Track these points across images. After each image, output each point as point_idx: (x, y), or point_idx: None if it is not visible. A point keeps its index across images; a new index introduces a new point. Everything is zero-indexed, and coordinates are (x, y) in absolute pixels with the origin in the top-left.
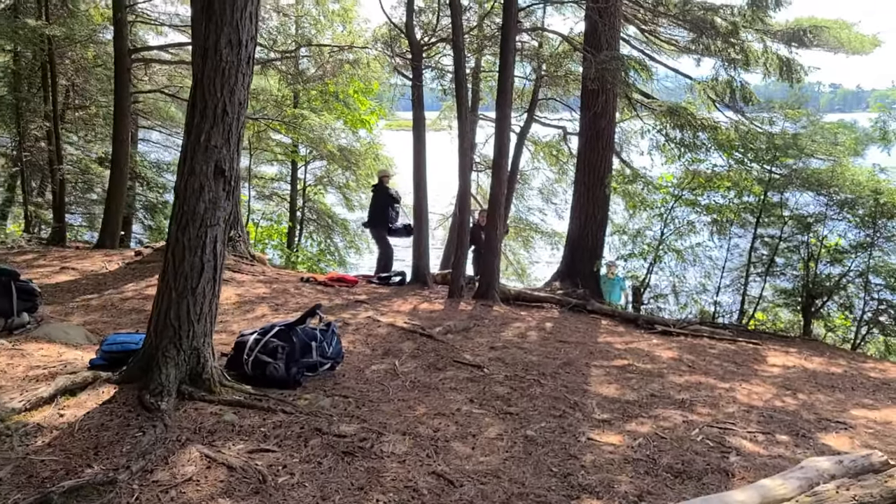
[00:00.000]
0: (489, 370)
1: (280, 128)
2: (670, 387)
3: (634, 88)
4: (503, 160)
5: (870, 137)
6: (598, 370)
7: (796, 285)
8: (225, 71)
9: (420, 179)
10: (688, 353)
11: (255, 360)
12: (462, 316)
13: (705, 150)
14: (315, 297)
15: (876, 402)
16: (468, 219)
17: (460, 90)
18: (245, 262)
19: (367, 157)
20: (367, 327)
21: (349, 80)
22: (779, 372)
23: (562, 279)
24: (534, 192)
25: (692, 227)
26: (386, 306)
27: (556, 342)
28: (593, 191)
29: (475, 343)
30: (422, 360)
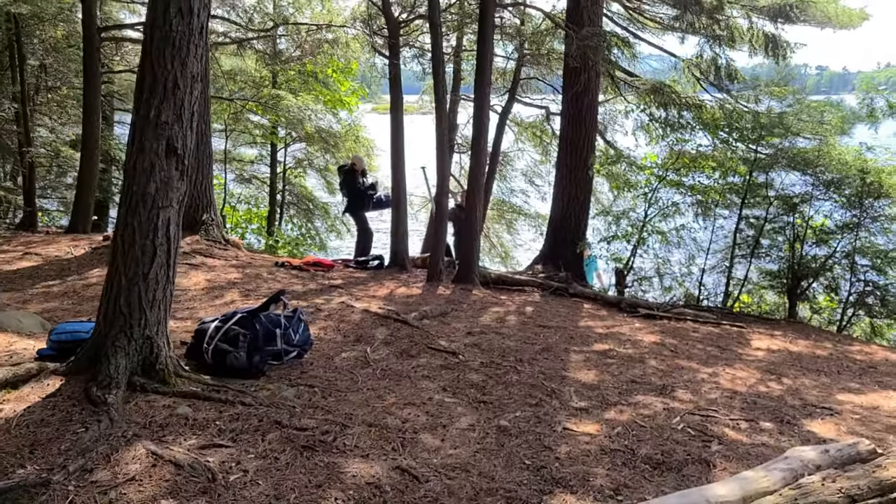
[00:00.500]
0: (464, 357)
1: (257, 109)
2: (651, 372)
3: (617, 66)
4: (482, 140)
5: (856, 116)
6: (577, 356)
7: (781, 267)
8: (175, 42)
9: (398, 162)
10: (670, 337)
11: (215, 348)
12: (440, 301)
13: (690, 129)
14: (289, 283)
15: (862, 387)
16: (446, 202)
17: (437, 68)
18: (218, 247)
19: (348, 139)
20: (340, 313)
21: (328, 59)
22: (763, 356)
23: (544, 262)
24: (517, 174)
25: (676, 208)
26: (362, 291)
27: (536, 327)
28: (576, 172)
29: (452, 328)
30: (395, 347)
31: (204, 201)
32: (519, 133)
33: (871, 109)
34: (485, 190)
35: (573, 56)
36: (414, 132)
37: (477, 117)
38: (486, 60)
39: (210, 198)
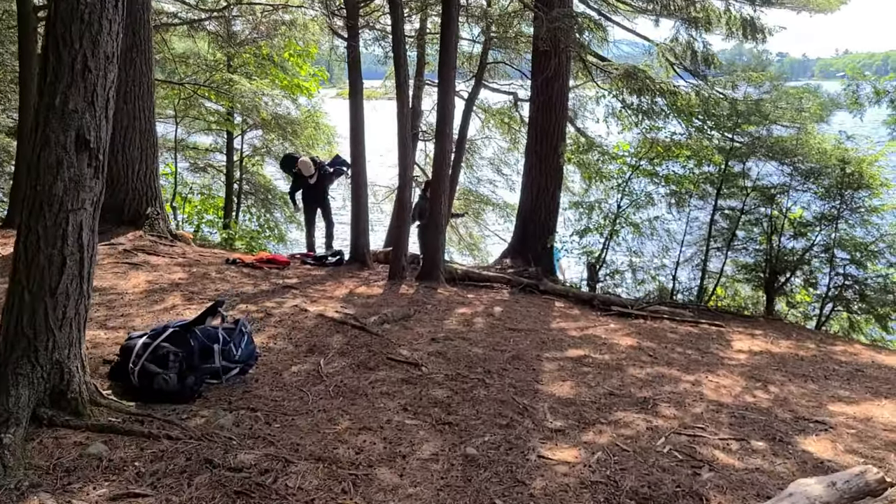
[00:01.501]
0: (428, 368)
1: (210, 94)
2: (630, 382)
3: (589, 50)
4: (447, 127)
5: (834, 103)
6: (550, 364)
7: (758, 260)
8: (84, 15)
9: (358, 150)
10: (648, 339)
11: (141, 369)
12: (402, 301)
13: (664, 116)
14: (239, 282)
15: (852, 394)
16: (409, 193)
17: (398, 50)
18: (164, 243)
19: (308, 125)
20: (293, 318)
21: (286, 42)
22: (746, 359)
23: (513, 256)
24: (484, 163)
25: (650, 199)
26: (318, 291)
27: (505, 330)
28: (546, 161)
29: (414, 334)
30: (351, 358)
31: (149, 193)
32: (486, 120)
33: (857, 97)
34: (451, 179)
35: (542, 39)
36: (378, 119)
37: (441, 103)
38: (451, 43)
39: (155, 189)
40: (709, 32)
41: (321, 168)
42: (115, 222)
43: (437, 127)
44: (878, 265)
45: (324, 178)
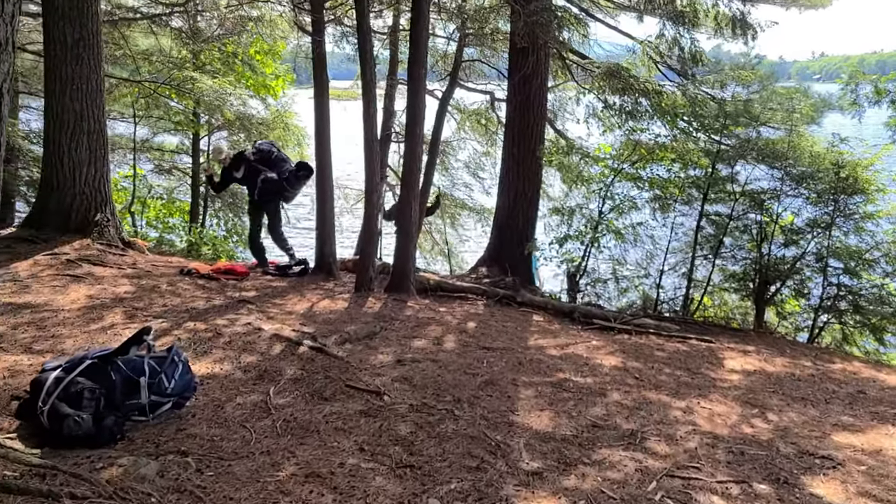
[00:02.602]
0: (391, 397)
1: (171, 93)
2: (616, 411)
3: (568, 47)
4: (417, 128)
5: (826, 104)
6: (527, 390)
7: (747, 269)
8: None
9: (323, 151)
10: (633, 358)
11: (51, 409)
12: (368, 317)
13: (648, 117)
14: (191, 296)
15: (856, 420)
16: (376, 199)
17: (364, 44)
18: (114, 252)
19: (276, 126)
20: (245, 339)
21: (253, 39)
22: (739, 380)
23: (489, 264)
24: (460, 165)
25: (633, 204)
26: (276, 306)
27: (479, 350)
28: (523, 164)
29: (379, 356)
30: (305, 386)
31: (98, 198)
32: (462, 121)
33: (856, 97)
34: (424, 182)
35: (520, 35)
36: (349, 119)
37: (411, 102)
38: (421, 38)
39: (105, 194)
40: (695, 28)
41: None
42: (61, 230)
43: (407, 128)
44: (874, 275)
45: (253, 175)
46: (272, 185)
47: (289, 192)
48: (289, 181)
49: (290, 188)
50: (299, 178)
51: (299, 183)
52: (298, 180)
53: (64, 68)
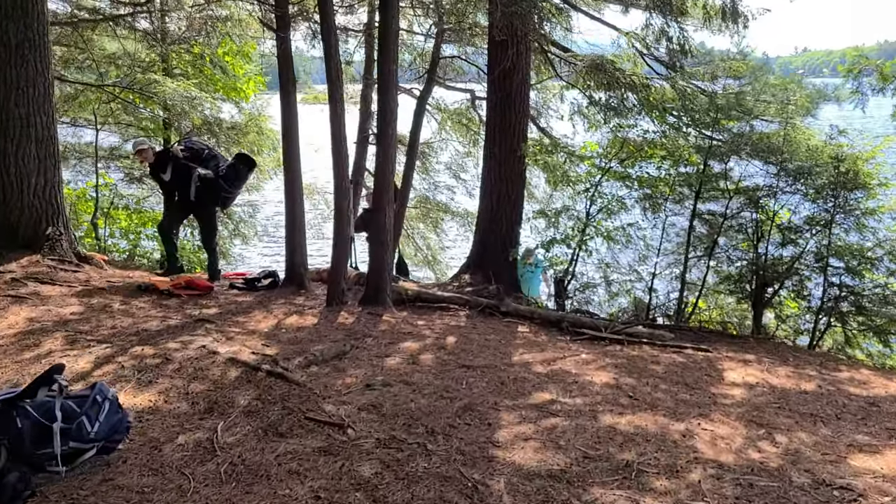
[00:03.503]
0: (355, 430)
1: (135, 98)
2: (608, 437)
3: (550, 41)
4: (389, 128)
5: (821, 94)
6: (510, 415)
7: (743, 270)
8: None
9: (291, 155)
10: (626, 373)
11: None
12: (339, 334)
13: (635, 112)
14: (144, 316)
15: (872, 439)
16: (347, 204)
17: (328, 36)
18: (66, 268)
19: (249, 130)
20: (197, 364)
21: (222, 40)
22: (742, 395)
23: (472, 271)
24: (442, 168)
25: (622, 204)
26: (239, 324)
27: (458, 368)
28: (506, 165)
29: (346, 380)
30: (259, 420)
31: (49, 211)
32: (443, 121)
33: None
34: (403, 185)
35: (498, 27)
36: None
37: (383, 101)
38: (390, 30)
39: (58, 205)
40: (683, 18)
41: (174, 161)
42: (7, 245)
43: (379, 128)
44: (877, 274)
45: (184, 174)
46: (210, 184)
47: (228, 192)
48: (227, 178)
49: (229, 187)
50: (240, 174)
51: (240, 179)
52: (239, 176)
53: (8, 71)
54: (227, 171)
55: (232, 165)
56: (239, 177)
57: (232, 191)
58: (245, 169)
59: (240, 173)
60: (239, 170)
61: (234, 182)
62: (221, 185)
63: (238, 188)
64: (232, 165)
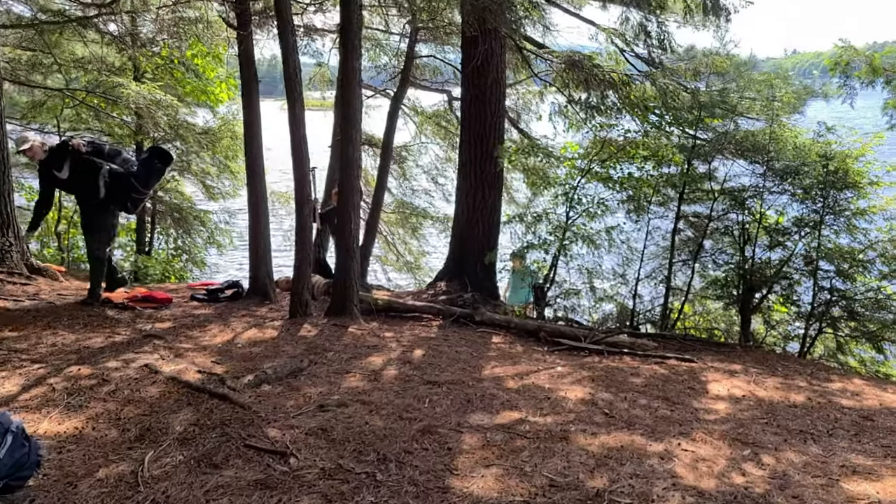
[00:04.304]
0: (299, 458)
1: (100, 102)
2: (580, 461)
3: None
4: (353, 130)
5: (808, 90)
6: (473, 437)
7: (730, 274)
8: None
9: (255, 160)
10: (603, 387)
11: None
12: (298, 348)
13: (616, 111)
14: (91, 331)
15: (867, 458)
16: (308, 213)
17: (284, 34)
18: (16, 280)
19: (223, 135)
20: (135, 385)
21: (192, 42)
22: (726, 410)
23: (448, 278)
24: (419, 172)
25: (605, 207)
26: (191, 339)
27: (423, 385)
28: (482, 166)
29: (299, 400)
30: (194, 448)
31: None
32: (421, 124)
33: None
34: (377, 189)
35: (469, 22)
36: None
37: (345, 99)
38: (353, 24)
39: (7, 216)
40: (663, 12)
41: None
42: None
43: (341, 130)
44: (869, 277)
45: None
46: (120, 181)
47: (140, 192)
48: (139, 176)
49: (141, 186)
50: (154, 171)
51: (152, 177)
52: (151, 173)
53: None
54: (139, 167)
55: (145, 161)
56: (152, 174)
57: (144, 191)
58: (160, 166)
59: (154, 170)
60: (153, 166)
61: (147, 180)
62: (133, 183)
63: (151, 188)
64: (145, 161)
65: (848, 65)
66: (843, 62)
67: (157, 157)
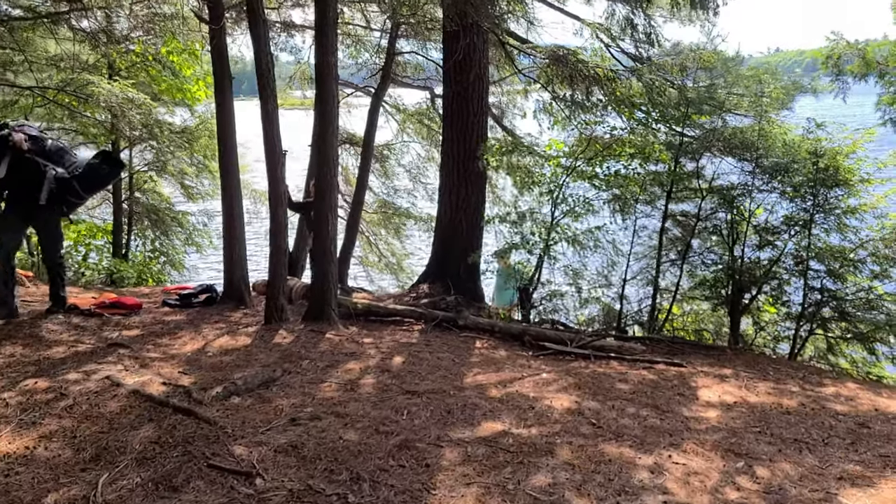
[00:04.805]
0: (266, 479)
1: (71, 100)
2: (565, 479)
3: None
4: (330, 128)
5: (797, 86)
6: (453, 452)
7: (719, 275)
8: None
9: (229, 159)
10: (590, 395)
11: None
12: (273, 356)
13: (601, 108)
14: (52, 341)
15: (865, 468)
16: (282, 213)
17: (256, 28)
18: None
19: (200, 135)
20: (94, 400)
21: (167, 39)
22: (718, 418)
23: (431, 280)
24: (402, 171)
25: (590, 206)
26: (160, 348)
27: (401, 395)
28: (465, 164)
29: (269, 413)
30: (152, 469)
31: None
32: (403, 122)
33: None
34: (358, 188)
35: (449, 16)
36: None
37: (322, 97)
38: (328, 18)
39: None
40: (650, 4)
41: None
42: None
43: (318, 128)
44: (860, 276)
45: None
46: (63, 186)
47: (80, 197)
48: (83, 180)
49: (83, 191)
50: (101, 178)
51: (97, 184)
52: (97, 180)
53: None
54: (85, 171)
55: (93, 166)
56: (98, 181)
57: (85, 196)
58: (109, 172)
59: (101, 176)
60: (101, 172)
61: (90, 186)
62: (75, 188)
63: (93, 194)
64: (93, 166)
65: (840, 59)
66: (836, 56)
67: (107, 163)
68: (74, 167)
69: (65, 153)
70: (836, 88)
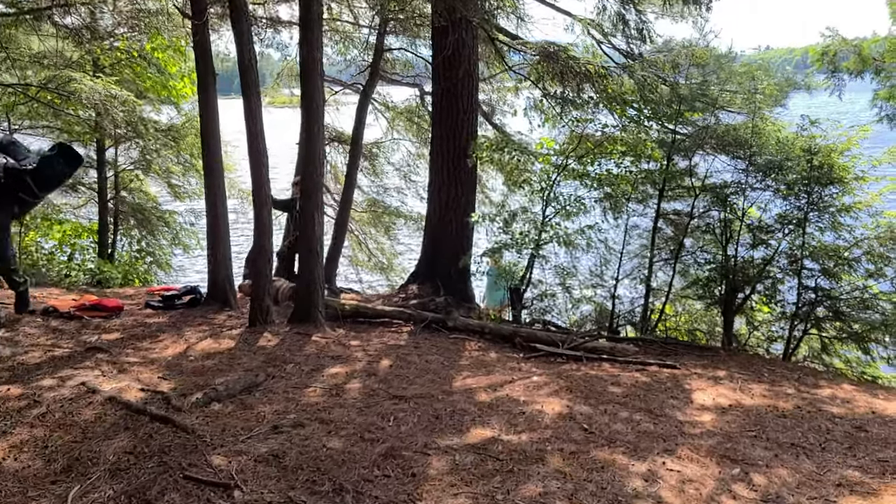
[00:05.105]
0: (245, 491)
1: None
2: (556, 488)
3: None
4: (316, 125)
5: (791, 83)
6: (440, 461)
7: (712, 274)
8: None
9: (212, 160)
10: (582, 398)
11: None
12: (255, 361)
13: (593, 105)
14: (29, 345)
15: (863, 474)
16: (266, 212)
17: (239, 23)
18: None
19: (186, 133)
20: (69, 407)
21: (151, 35)
22: (713, 422)
23: (421, 281)
24: (391, 169)
25: (581, 205)
26: (139, 352)
27: (388, 400)
28: (455, 163)
29: (251, 420)
30: (126, 482)
31: None
32: (393, 120)
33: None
34: (347, 186)
35: (438, 11)
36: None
37: (307, 93)
38: (313, 12)
39: None
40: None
41: None
42: None
43: (304, 125)
44: (854, 275)
45: None
46: (14, 178)
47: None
48: (38, 176)
49: (38, 189)
50: (54, 174)
51: (53, 181)
52: (53, 176)
53: None
54: (40, 165)
55: (48, 159)
56: (54, 177)
57: (40, 196)
58: (65, 168)
59: (56, 172)
60: (56, 167)
61: (46, 183)
62: (29, 184)
63: (49, 192)
64: (48, 159)
65: (836, 55)
66: (831, 52)
67: (64, 156)
68: (28, 161)
69: (17, 147)
70: (832, 85)
